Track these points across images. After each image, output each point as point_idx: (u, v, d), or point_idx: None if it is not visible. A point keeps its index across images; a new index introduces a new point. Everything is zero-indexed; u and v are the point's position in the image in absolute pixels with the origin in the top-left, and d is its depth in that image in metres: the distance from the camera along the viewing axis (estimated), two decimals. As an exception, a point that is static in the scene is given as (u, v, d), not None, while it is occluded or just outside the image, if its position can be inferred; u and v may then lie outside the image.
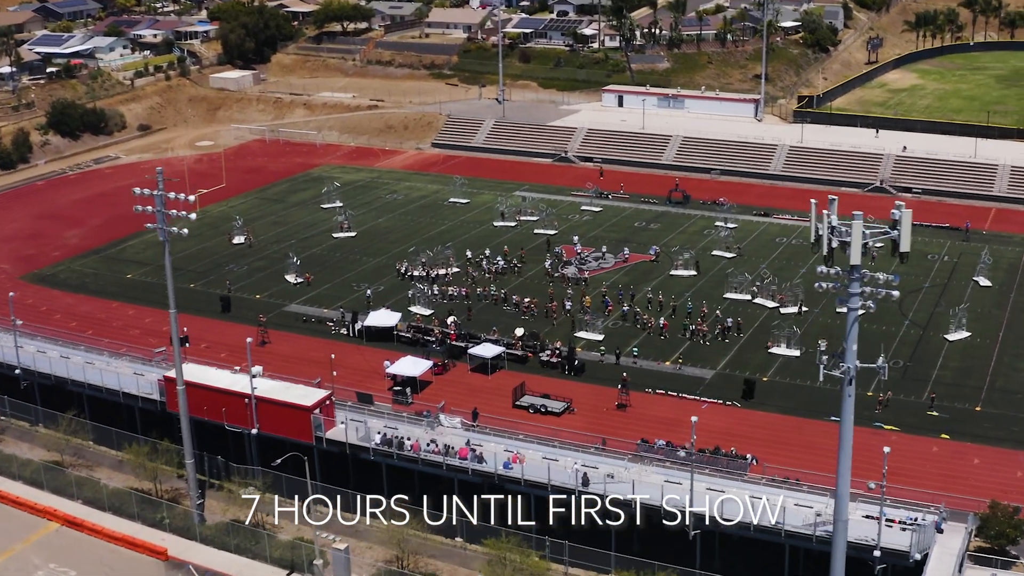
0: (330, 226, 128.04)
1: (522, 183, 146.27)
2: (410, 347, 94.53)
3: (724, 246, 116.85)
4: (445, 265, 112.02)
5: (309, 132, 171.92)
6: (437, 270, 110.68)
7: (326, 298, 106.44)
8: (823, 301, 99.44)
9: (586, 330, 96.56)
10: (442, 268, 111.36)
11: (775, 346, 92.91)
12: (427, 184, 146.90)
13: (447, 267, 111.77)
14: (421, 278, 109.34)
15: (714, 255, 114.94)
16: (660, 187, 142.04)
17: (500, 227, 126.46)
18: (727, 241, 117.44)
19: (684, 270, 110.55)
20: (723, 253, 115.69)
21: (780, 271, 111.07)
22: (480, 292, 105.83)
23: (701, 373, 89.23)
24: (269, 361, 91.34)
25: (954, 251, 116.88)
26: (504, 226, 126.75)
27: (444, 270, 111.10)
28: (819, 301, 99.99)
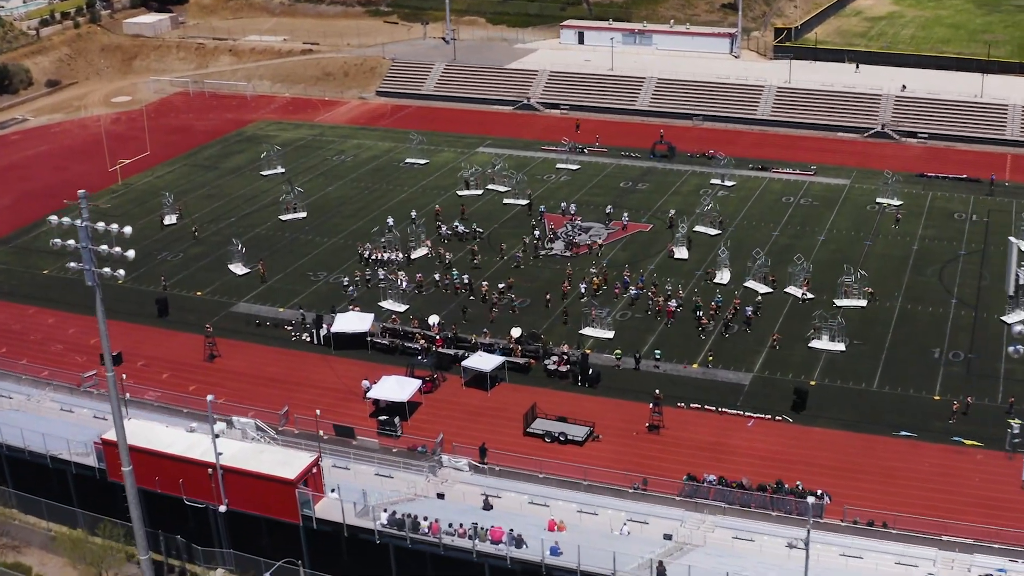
0: (273, 197, 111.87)
1: (484, 136, 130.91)
2: (388, 356, 79.97)
3: (708, 220, 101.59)
4: (418, 244, 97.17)
5: (238, 83, 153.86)
6: (410, 252, 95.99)
7: (279, 293, 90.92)
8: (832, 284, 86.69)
9: (593, 325, 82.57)
10: (419, 248, 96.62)
11: (816, 339, 79.90)
12: (377, 142, 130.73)
13: (419, 246, 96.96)
14: (389, 263, 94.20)
15: (697, 231, 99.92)
16: (639, 137, 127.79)
17: (466, 196, 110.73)
18: (711, 215, 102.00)
19: (678, 249, 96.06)
20: (706, 230, 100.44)
21: (795, 240, 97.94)
22: (443, 280, 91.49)
23: (737, 378, 76.04)
24: (220, 381, 76.84)
25: (980, 208, 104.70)
26: (470, 195, 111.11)
27: (423, 250, 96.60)
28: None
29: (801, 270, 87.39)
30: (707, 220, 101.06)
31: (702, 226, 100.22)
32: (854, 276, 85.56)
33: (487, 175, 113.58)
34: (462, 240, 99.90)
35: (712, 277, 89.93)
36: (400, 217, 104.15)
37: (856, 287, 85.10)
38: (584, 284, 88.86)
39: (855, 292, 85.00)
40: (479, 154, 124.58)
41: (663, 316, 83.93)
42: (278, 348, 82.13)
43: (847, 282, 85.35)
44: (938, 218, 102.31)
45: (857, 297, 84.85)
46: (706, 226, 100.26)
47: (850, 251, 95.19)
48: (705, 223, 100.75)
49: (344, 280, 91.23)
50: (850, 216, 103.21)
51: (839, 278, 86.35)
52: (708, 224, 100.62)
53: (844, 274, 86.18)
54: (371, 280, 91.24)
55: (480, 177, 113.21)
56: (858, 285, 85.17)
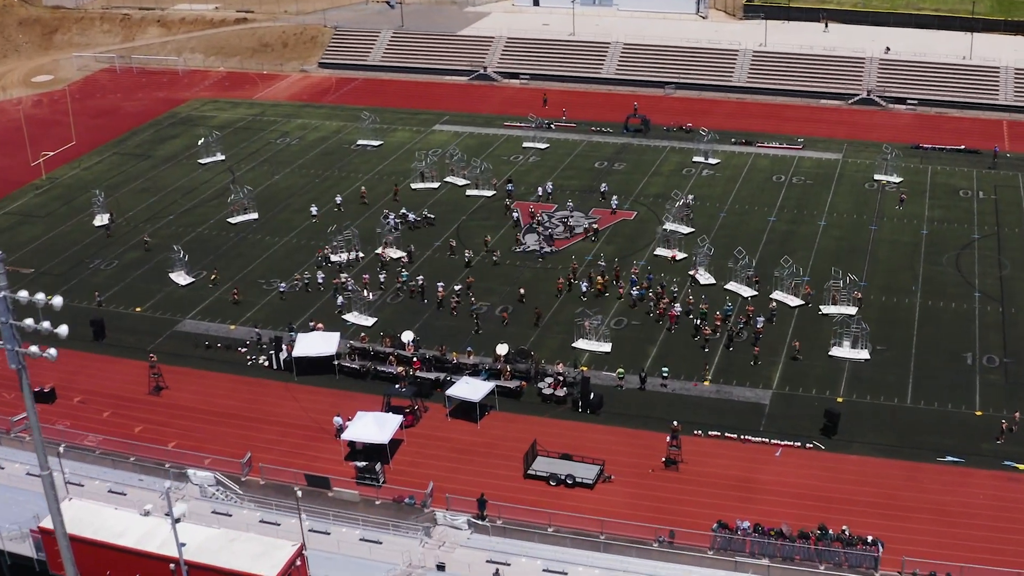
0: (214, 190, 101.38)
1: (440, 112, 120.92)
2: (358, 381, 70.67)
3: (681, 217, 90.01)
4: (388, 243, 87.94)
5: (168, 57, 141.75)
6: (387, 253, 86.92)
7: (229, 307, 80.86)
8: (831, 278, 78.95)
9: (587, 337, 73.85)
10: (393, 251, 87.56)
11: (837, 346, 71.96)
12: (324, 120, 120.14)
13: (390, 246, 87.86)
14: (347, 266, 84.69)
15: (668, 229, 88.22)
16: (608, 109, 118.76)
17: (421, 190, 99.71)
18: (683, 211, 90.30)
19: (664, 249, 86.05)
20: (678, 227, 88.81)
21: (794, 226, 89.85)
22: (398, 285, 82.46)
23: (755, 396, 67.88)
24: (169, 419, 67.49)
25: (985, 183, 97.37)
26: (426, 188, 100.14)
27: (397, 253, 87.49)
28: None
29: (791, 274, 77.91)
30: (680, 216, 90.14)
31: (673, 223, 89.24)
32: (842, 280, 76.81)
33: (446, 165, 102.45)
34: (413, 229, 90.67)
35: (697, 279, 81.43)
36: (356, 209, 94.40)
37: (845, 292, 76.17)
38: (585, 283, 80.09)
39: (844, 298, 76.03)
40: (436, 133, 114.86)
41: (664, 321, 75.47)
42: (233, 375, 72.37)
43: (836, 287, 76.44)
44: (942, 196, 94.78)
45: (846, 303, 75.96)
46: (678, 223, 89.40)
47: (855, 238, 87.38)
48: (677, 220, 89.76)
49: (281, 285, 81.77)
50: (849, 196, 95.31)
51: (826, 283, 77.78)
52: (681, 221, 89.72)
53: (832, 278, 77.44)
54: (324, 285, 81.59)
55: (436, 169, 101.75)
56: (847, 290, 76.34)
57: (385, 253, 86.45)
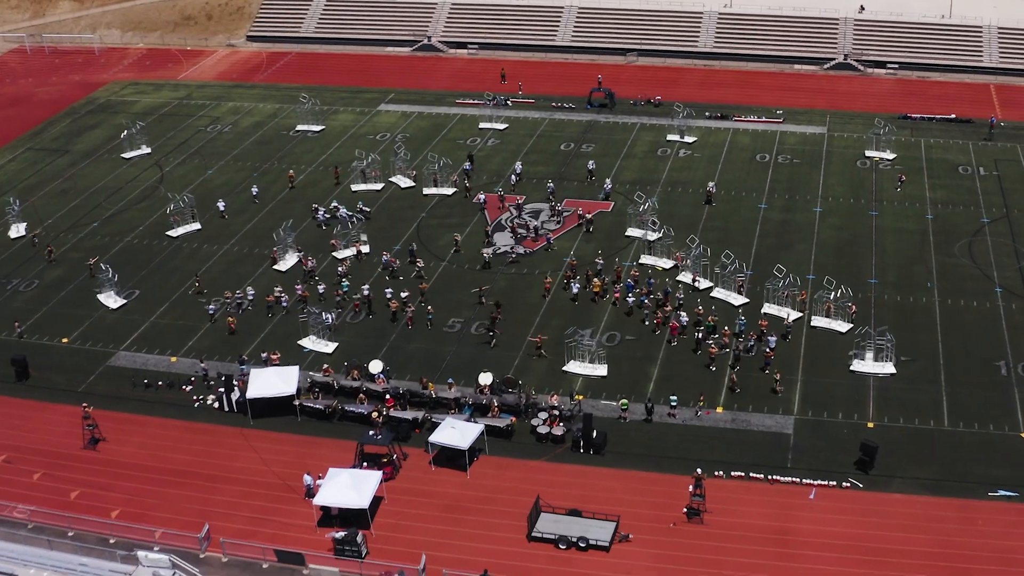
0: (141, 190, 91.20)
1: (385, 90, 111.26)
2: (324, 424, 61.88)
3: (641, 220, 79.54)
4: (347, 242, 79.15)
5: (82, 35, 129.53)
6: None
7: (167, 332, 71.34)
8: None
9: (578, 359, 65.69)
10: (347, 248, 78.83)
11: (858, 360, 64.66)
12: (257, 103, 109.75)
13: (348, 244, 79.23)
14: (308, 277, 75.55)
15: (628, 235, 79.66)
16: (567, 81, 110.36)
17: (363, 192, 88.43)
18: (645, 215, 79.51)
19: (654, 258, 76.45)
20: (641, 233, 78.91)
21: (788, 214, 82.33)
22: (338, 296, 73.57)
23: (776, 424, 60.37)
24: (111, 480, 59.12)
25: (984, 157, 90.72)
26: (368, 190, 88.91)
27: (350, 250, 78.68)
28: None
29: (788, 286, 69.60)
30: (641, 220, 79.81)
31: (636, 228, 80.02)
32: (835, 292, 68.91)
33: (393, 164, 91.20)
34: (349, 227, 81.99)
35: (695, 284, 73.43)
36: (301, 208, 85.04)
37: (839, 303, 68.21)
38: (577, 286, 72.06)
39: (838, 311, 68.18)
40: (382, 114, 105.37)
41: (662, 332, 67.67)
42: (179, 421, 63.08)
43: (830, 299, 68.47)
44: (941, 174, 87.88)
45: (841, 318, 68.09)
46: (642, 228, 79.57)
47: (856, 226, 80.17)
48: (638, 223, 79.97)
49: (210, 307, 72.12)
50: (842, 177, 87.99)
51: (816, 293, 69.77)
52: (646, 225, 79.31)
53: (825, 289, 69.47)
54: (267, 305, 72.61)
55: (379, 168, 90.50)
56: (840, 302, 68.34)
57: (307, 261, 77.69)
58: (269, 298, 72.03)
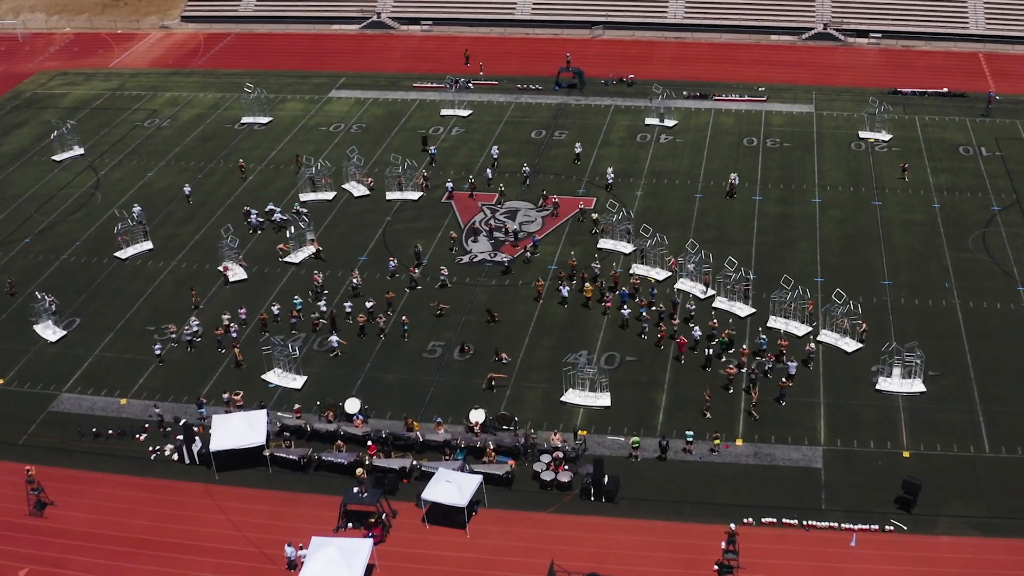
0: (77, 198, 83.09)
1: (335, 75, 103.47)
2: (299, 475, 55.10)
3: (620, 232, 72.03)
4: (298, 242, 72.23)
5: (5, 20, 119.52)
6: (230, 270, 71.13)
7: (114, 368, 63.86)
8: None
9: (578, 387, 59.35)
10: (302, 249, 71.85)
11: (883, 377, 59.03)
12: (197, 92, 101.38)
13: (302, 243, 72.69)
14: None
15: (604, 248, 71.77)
16: (529, 59, 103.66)
17: (312, 202, 79.42)
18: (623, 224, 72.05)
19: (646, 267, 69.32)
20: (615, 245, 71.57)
21: (786, 206, 76.43)
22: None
23: (803, 457, 54.59)
24: (62, 554, 52.77)
25: (985, 135, 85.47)
26: (319, 200, 79.93)
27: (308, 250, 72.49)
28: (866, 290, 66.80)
29: (798, 298, 63.35)
30: (618, 231, 72.22)
31: (609, 239, 72.23)
32: (845, 306, 62.51)
33: (346, 169, 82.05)
34: (279, 230, 74.94)
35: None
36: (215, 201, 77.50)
37: (847, 319, 62.02)
38: (567, 288, 65.88)
39: (844, 328, 62.01)
40: (334, 101, 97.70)
41: (664, 348, 61.65)
42: (135, 478, 55.83)
43: (838, 314, 62.17)
44: (942, 156, 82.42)
45: (849, 334, 61.89)
46: (616, 239, 72.29)
47: (860, 218, 74.51)
48: (616, 234, 72.18)
49: (156, 347, 63.81)
50: (837, 162, 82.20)
51: (825, 306, 63.65)
52: (620, 236, 72.21)
53: (835, 303, 63.03)
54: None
55: (330, 175, 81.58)
56: (850, 318, 62.04)
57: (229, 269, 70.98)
58: (218, 331, 64.41)
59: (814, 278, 67.51)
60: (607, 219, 72.68)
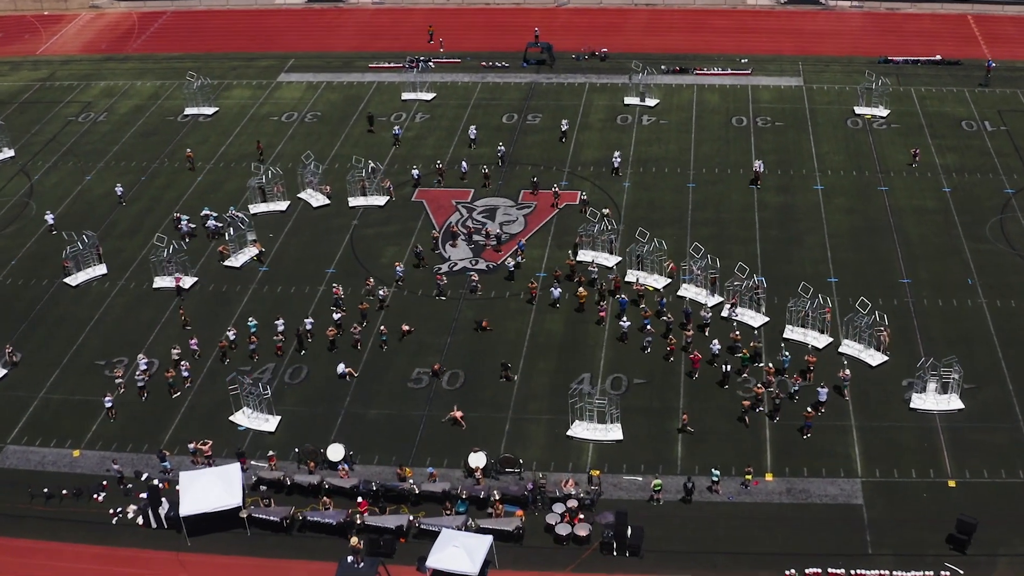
0: (10, 209, 75.49)
1: (283, 56, 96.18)
2: (280, 537, 49.01)
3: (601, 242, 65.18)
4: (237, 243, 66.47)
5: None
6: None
7: (64, 412, 57.13)
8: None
9: (586, 417, 53.70)
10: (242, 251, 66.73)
11: (916, 394, 54.06)
12: (134, 80, 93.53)
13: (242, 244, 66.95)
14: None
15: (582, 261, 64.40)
16: (492, 32, 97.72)
17: (263, 214, 71.72)
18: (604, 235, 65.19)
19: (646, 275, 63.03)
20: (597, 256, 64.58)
21: (787, 196, 71.06)
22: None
23: (841, 493, 49.52)
24: None
25: (986, 107, 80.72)
26: (271, 211, 72.23)
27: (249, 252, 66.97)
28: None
29: (818, 308, 57.72)
30: (600, 242, 65.36)
31: (589, 250, 65.21)
32: (871, 316, 57.00)
33: (301, 177, 74.19)
34: (213, 237, 68.79)
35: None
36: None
37: (869, 331, 56.56)
38: (557, 289, 60.69)
39: (864, 338, 56.66)
40: (284, 87, 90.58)
41: (675, 360, 56.25)
42: (95, 548, 49.44)
43: (863, 324, 56.63)
44: (945, 132, 77.43)
45: (874, 346, 56.54)
46: (597, 250, 65.40)
47: (868, 207, 69.39)
48: (597, 245, 65.38)
49: (107, 400, 56.01)
50: (835, 142, 76.92)
51: (847, 315, 57.86)
52: (602, 247, 65.38)
53: (856, 311, 57.51)
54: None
55: (282, 183, 72.97)
56: (871, 330, 56.51)
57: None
58: (168, 373, 57.54)
59: (827, 278, 62.33)
60: (586, 229, 65.72)
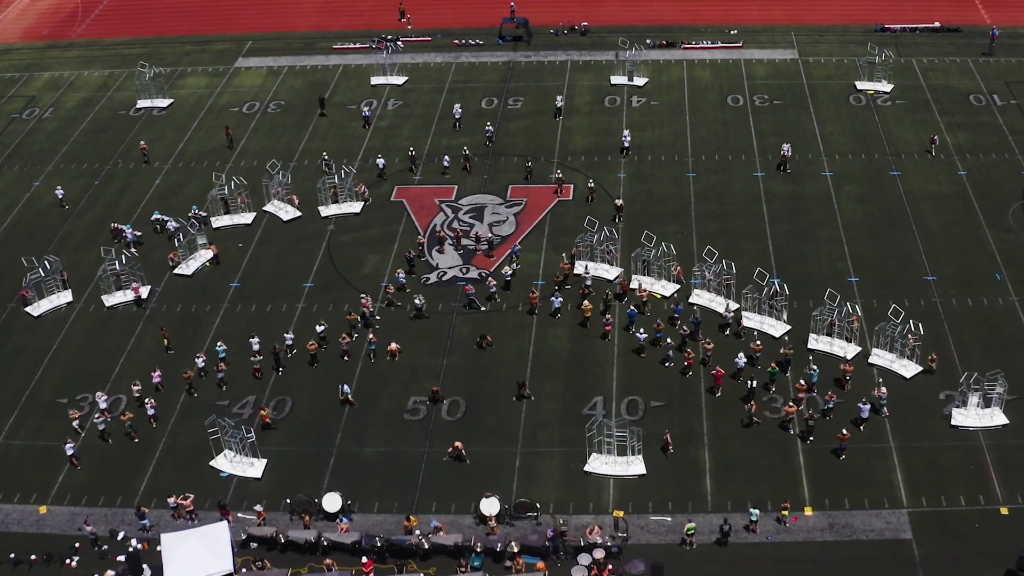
0: (-48, 222, 69.21)
1: (240, 38, 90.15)
2: (283, 604, 44.43)
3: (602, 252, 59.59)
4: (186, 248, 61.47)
5: None
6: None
7: (25, 461, 51.80)
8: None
9: (604, 449, 49.16)
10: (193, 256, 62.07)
11: (957, 409, 50.13)
12: (81, 70, 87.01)
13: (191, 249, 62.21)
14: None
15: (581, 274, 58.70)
16: (462, 6, 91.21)
17: (227, 228, 65.53)
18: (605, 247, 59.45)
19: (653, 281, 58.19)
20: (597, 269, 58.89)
21: (794, 185, 66.57)
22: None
23: (887, 525, 45.58)
24: None
25: (992, 79, 76.79)
26: (235, 224, 65.86)
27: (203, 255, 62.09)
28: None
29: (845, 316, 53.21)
30: (600, 251, 59.70)
31: (587, 263, 59.20)
32: (904, 325, 52.33)
33: (267, 188, 66.98)
34: (174, 239, 63.80)
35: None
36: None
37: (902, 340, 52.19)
38: (559, 298, 56.18)
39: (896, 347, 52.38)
40: (243, 73, 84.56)
41: (691, 372, 51.95)
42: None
43: (897, 333, 52.11)
44: (953, 108, 73.25)
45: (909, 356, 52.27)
46: (596, 261, 59.88)
47: (882, 195, 65.17)
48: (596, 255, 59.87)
49: (68, 446, 50.31)
50: (839, 122, 72.52)
51: (878, 324, 53.19)
52: (601, 256, 59.83)
53: (892, 320, 52.87)
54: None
55: (247, 193, 66.62)
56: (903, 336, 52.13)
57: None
58: (124, 417, 52.04)
59: (847, 278, 58.10)
60: (584, 239, 60.25)
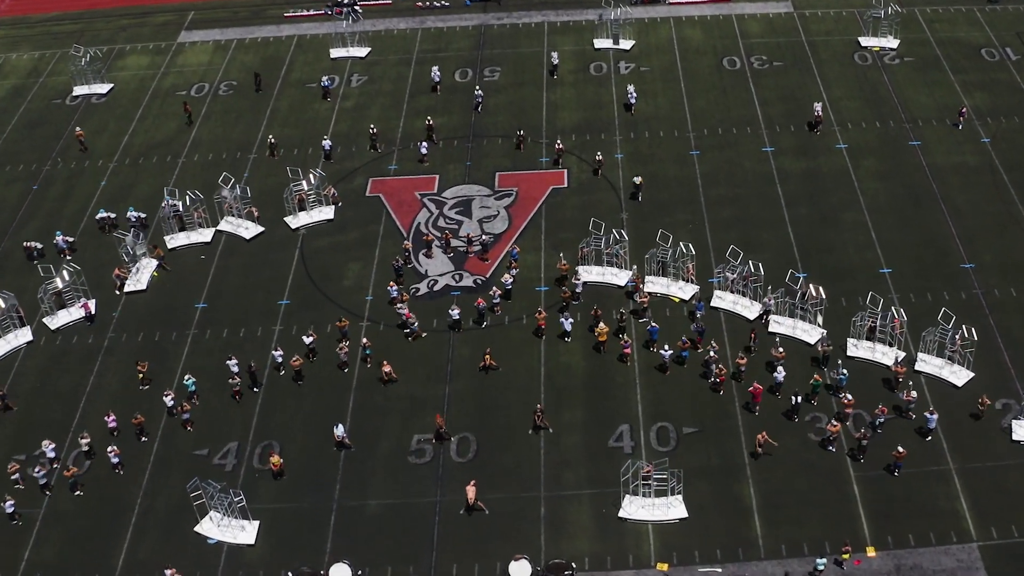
0: None
1: (180, 8, 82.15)
2: None
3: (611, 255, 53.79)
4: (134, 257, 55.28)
5: None
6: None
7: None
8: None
9: (640, 491, 44.04)
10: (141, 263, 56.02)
11: (1017, 421, 45.64)
12: (8, 53, 79.21)
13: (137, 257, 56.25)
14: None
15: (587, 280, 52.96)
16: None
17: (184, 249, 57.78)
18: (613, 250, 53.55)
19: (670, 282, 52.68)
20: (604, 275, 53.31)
21: (808, 160, 61.27)
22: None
23: (961, 565, 41.17)
24: None
25: (1003, 29, 72.20)
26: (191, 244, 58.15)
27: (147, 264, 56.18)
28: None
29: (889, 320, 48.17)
30: (610, 255, 53.73)
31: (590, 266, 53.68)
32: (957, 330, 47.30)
33: (222, 202, 59.31)
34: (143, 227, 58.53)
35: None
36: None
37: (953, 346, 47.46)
38: (568, 320, 50.49)
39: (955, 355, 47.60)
40: (188, 51, 77.11)
41: (723, 390, 47.11)
42: None
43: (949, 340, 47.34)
44: (966, 65, 68.18)
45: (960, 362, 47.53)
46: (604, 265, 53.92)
47: (904, 171, 60.11)
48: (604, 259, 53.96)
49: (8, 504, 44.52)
50: (847, 85, 67.18)
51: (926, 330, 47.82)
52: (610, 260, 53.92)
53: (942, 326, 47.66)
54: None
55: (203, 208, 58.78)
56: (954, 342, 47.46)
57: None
58: (68, 472, 45.74)
59: (878, 269, 53.15)
60: (591, 242, 54.07)
